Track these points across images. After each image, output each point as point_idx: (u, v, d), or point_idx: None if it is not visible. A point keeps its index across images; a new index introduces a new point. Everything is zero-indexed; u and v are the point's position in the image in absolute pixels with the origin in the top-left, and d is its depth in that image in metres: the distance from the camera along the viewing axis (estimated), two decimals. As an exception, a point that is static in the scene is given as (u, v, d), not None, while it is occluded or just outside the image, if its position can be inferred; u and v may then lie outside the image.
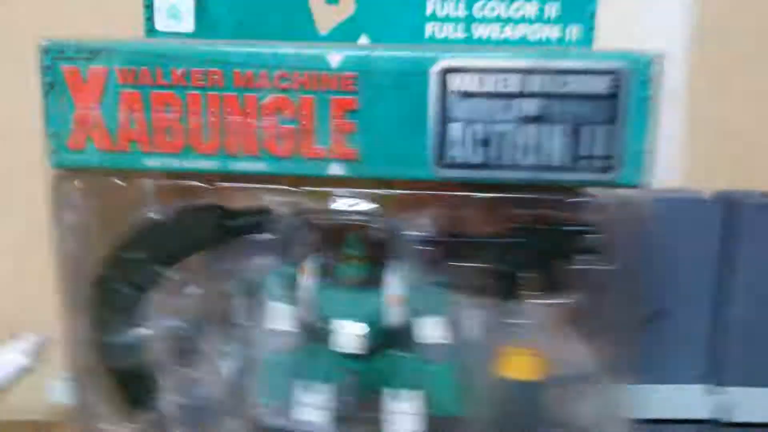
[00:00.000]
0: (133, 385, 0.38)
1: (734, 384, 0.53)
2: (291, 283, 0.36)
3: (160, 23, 0.37)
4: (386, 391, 0.37)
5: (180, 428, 0.38)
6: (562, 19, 0.38)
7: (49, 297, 0.74)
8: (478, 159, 0.31)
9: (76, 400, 0.40)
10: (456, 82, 0.30)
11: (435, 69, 0.30)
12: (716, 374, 0.53)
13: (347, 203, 0.34)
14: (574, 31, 0.38)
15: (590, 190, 0.32)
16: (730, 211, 0.51)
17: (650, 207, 0.31)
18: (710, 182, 0.57)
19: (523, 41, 0.38)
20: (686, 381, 0.53)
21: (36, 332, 0.66)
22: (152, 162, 0.32)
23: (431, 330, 0.36)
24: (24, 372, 0.64)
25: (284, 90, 0.31)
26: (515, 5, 0.38)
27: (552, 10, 0.38)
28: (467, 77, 0.30)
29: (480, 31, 0.38)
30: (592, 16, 0.38)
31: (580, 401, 0.35)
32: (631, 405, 0.35)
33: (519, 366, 0.35)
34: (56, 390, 0.58)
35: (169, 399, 0.39)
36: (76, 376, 0.39)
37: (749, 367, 0.53)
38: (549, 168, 0.30)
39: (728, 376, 0.53)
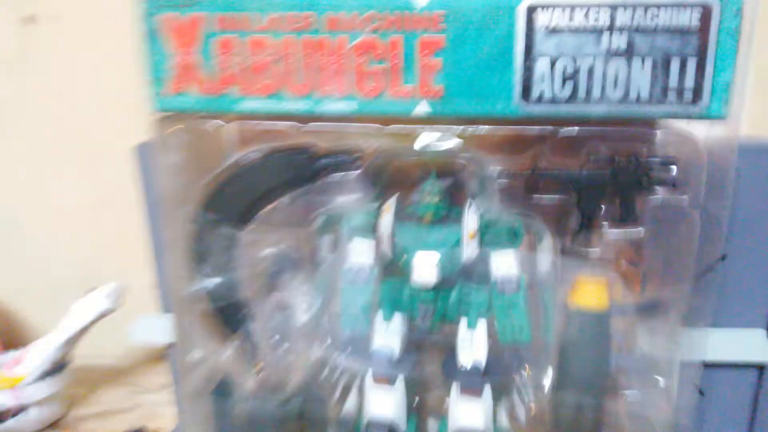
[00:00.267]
0: (227, 314, 0.41)
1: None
2: (373, 220, 0.38)
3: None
4: (460, 320, 0.39)
5: (269, 353, 0.41)
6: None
7: (122, 251, 0.79)
8: (565, 94, 0.31)
9: (173, 333, 0.43)
10: (544, 18, 0.31)
11: (522, 5, 0.31)
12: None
13: (432, 140, 0.35)
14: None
15: (676, 122, 0.32)
16: None
17: (732, 145, 0.31)
18: None
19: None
20: (748, 325, 0.54)
21: (112, 281, 0.70)
22: (247, 105, 0.34)
23: (504, 262, 0.38)
24: (106, 314, 0.69)
25: (373, 31, 0.32)
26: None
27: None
28: (556, 13, 0.31)
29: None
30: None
31: (647, 333, 0.36)
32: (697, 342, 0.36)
33: (589, 295, 0.36)
34: (139, 329, 0.62)
35: (259, 326, 0.42)
36: (172, 310, 0.42)
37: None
38: (637, 101, 0.31)
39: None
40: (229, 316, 0.41)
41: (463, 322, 0.39)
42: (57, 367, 0.70)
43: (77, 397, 0.75)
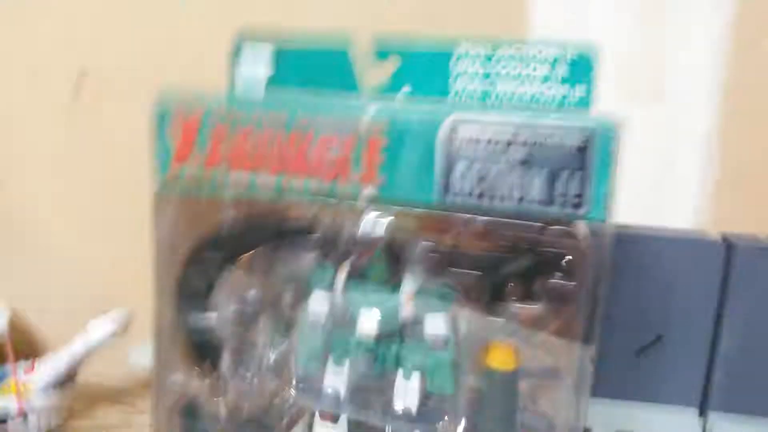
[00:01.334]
0: (202, 347, 0.49)
1: (722, 410, 0.58)
2: (330, 276, 0.46)
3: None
4: (397, 371, 0.46)
5: (235, 384, 0.49)
6: (569, 80, 0.46)
7: (132, 281, 0.88)
8: (477, 191, 0.40)
9: (157, 360, 0.51)
10: (464, 131, 0.39)
11: (448, 120, 0.39)
12: (707, 400, 0.59)
13: (376, 219, 0.43)
14: (577, 91, 0.46)
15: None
16: (730, 253, 0.57)
17: (612, 239, 0.39)
18: (740, 225, 0.63)
19: (534, 98, 0.46)
20: (680, 404, 0.59)
21: (122, 308, 0.79)
22: (230, 179, 0.43)
23: (435, 324, 0.45)
24: (112, 338, 0.77)
25: (333, 134, 0.41)
26: (532, 65, 0.46)
27: (560, 71, 0.46)
28: (473, 127, 0.39)
29: (499, 87, 0.47)
30: (593, 78, 0.46)
31: (548, 393, 0.43)
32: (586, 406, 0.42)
33: (499, 357, 0.43)
34: (136, 353, 0.70)
35: (229, 363, 0.50)
36: (159, 341, 0.50)
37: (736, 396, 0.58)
38: (532, 202, 0.39)
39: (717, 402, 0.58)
40: (203, 348, 0.49)
41: (400, 372, 0.46)
42: (63, 380, 0.78)
43: (75, 411, 0.83)
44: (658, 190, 0.74)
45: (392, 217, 0.42)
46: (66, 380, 0.77)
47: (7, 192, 0.92)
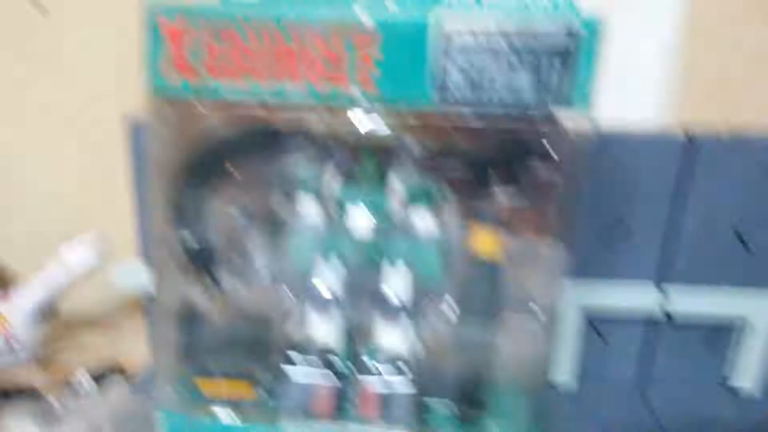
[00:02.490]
0: (198, 257, 0.50)
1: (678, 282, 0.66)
2: (319, 180, 0.48)
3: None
4: (386, 264, 0.49)
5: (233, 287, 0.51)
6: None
7: (103, 204, 0.87)
8: (470, 95, 0.42)
9: (155, 273, 0.52)
10: (456, 38, 0.41)
11: (440, 28, 0.40)
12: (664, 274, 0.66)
13: (368, 124, 0.45)
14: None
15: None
16: (690, 146, 0.63)
17: (594, 132, 0.42)
18: (702, 120, 0.68)
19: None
20: (639, 279, 0.67)
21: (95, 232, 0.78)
22: (222, 90, 0.43)
23: (422, 218, 0.48)
24: (92, 268, 0.76)
25: (325, 38, 0.41)
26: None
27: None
28: (466, 36, 0.41)
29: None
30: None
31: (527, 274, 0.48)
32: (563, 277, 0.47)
33: (484, 243, 0.47)
34: (122, 274, 0.71)
35: (224, 270, 0.52)
36: (151, 257, 0.51)
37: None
38: (522, 102, 0.41)
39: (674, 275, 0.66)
40: (196, 256, 0.50)
41: (390, 264, 0.50)
42: (46, 310, 0.78)
43: (57, 336, 0.83)
44: (627, 89, 0.79)
45: (383, 120, 0.44)
46: (48, 309, 0.77)
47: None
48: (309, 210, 0.49)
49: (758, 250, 0.65)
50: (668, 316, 0.68)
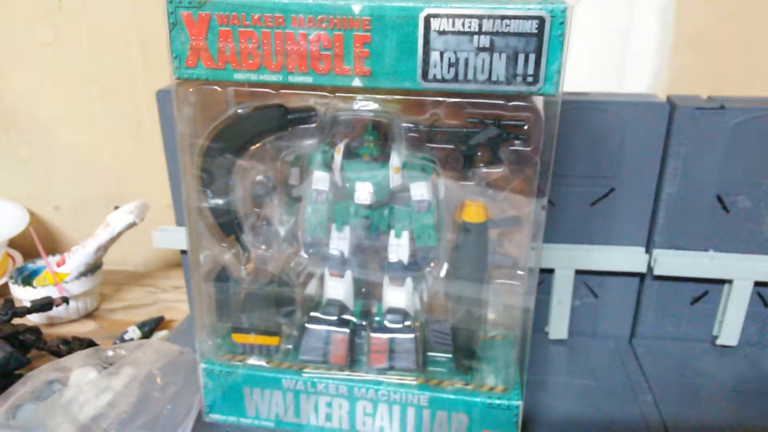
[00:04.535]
0: (226, 225, 0.58)
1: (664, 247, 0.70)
2: (328, 158, 0.55)
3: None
4: (390, 231, 0.56)
5: (256, 253, 0.59)
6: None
7: (143, 176, 0.96)
8: (450, 76, 0.47)
9: (186, 239, 0.60)
10: (436, 24, 0.46)
11: (422, 15, 0.46)
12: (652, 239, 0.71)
13: (364, 104, 0.51)
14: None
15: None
16: (673, 112, 0.66)
17: (559, 109, 0.47)
18: (691, 88, 0.71)
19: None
20: (629, 244, 0.71)
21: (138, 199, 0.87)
22: (238, 76, 0.49)
23: (418, 190, 0.54)
24: (130, 226, 0.86)
25: (324, 29, 0.47)
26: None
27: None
28: (443, 20, 0.46)
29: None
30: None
31: (512, 239, 0.54)
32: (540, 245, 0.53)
33: (472, 213, 0.53)
34: (159, 238, 0.79)
35: (248, 233, 0.59)
36: (185, 223, 0.59)
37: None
38: (497, 82, 0.47)
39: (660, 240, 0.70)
40: (226, 226, 0.58)
41: (392, 232, 0.56)
42: (92, 269, 0.88)
43: (106, 295, 0.94)
44: (620, 57, 0.82)
45: (377, 104, 0.50)
46: (93, 269, 0.86)
47: (8, 103, 0.96)
48: (321, 184, 0.55)
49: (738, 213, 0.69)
50: (656, 277, 0.72)
